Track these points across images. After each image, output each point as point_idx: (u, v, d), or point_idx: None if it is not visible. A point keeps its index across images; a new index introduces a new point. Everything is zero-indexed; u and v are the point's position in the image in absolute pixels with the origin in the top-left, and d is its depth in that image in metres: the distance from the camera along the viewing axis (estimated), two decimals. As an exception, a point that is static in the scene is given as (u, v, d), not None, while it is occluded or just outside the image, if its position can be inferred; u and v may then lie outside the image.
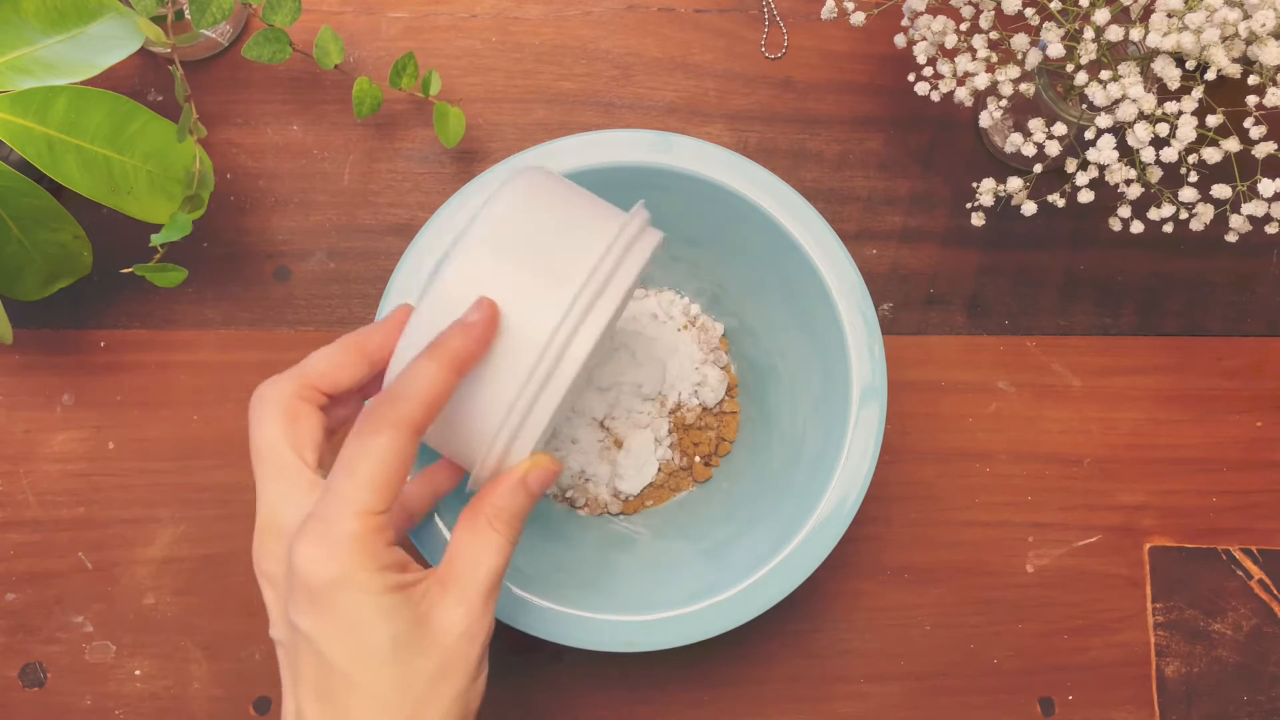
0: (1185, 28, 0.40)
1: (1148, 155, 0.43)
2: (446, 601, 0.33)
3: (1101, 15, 0.42)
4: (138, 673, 0.52)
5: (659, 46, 0.57)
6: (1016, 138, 0.46)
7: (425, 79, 0.53)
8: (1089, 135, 0.44)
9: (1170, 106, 0.42)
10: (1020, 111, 0.53)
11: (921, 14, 0.46)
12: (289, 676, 0.33)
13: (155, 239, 0.46)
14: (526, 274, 0.35)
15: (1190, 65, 0.42)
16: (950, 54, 0.46)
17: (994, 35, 0.45)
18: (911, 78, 0.48)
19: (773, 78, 0.57)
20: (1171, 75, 0.42)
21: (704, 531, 0.50)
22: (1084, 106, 0.46)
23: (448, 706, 0.33)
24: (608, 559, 0.49)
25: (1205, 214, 0.44)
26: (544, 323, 0.34)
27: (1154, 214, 0.45)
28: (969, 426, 0.55)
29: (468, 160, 0.56)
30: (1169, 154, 0.42)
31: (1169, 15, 0.41)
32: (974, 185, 0.48)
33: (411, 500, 0.42)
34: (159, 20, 0.47)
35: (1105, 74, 0.43)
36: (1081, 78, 0.43)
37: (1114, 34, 0.42)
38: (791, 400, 0.50)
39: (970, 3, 0.45)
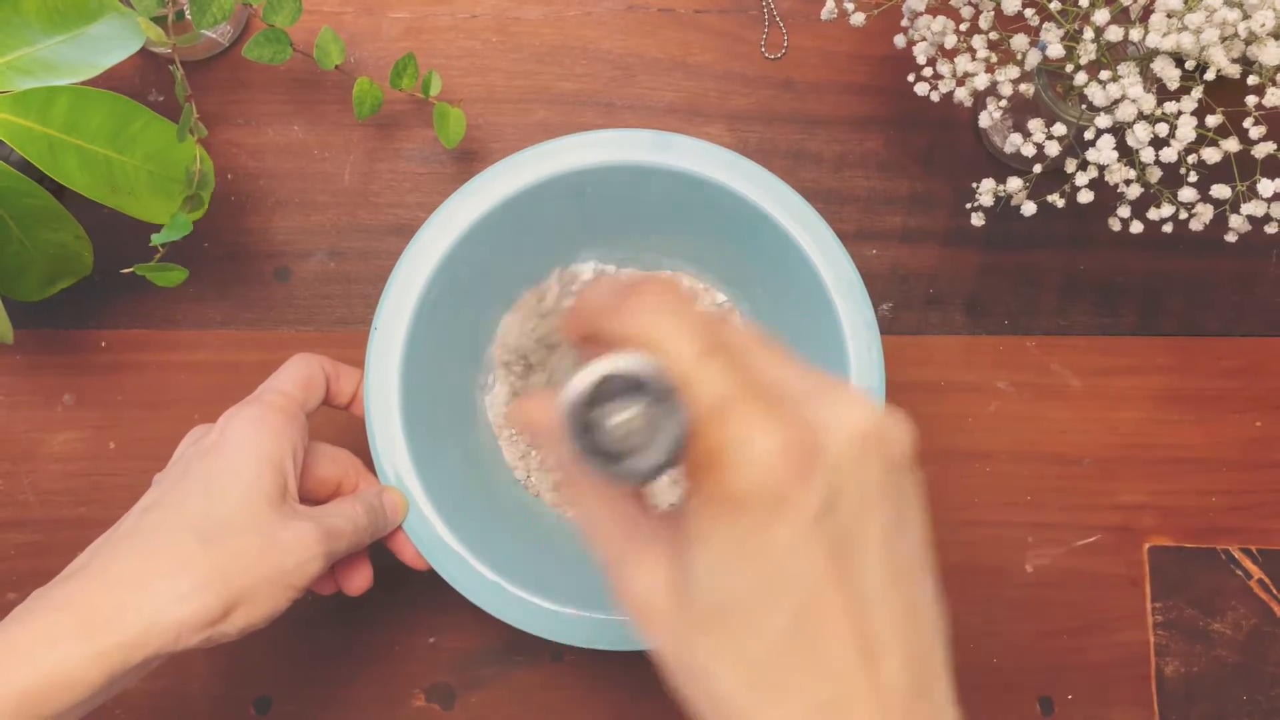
0: (1185, 28, 0.40)
1: (1147, 155, 0.43)
2: (300, 513, 0.41)
3: (1101, 15, 0.42)
4: (138, 672, 0.52)
5: (659, 47, 0.57)
6: (1016, 138, 0.46)
7: (425, 79, 0.53)
8: (1089, 135, 0.44)
9: (1170, 106, 0.42)
10: (1020, 111, 0.53)
11: (921, 14, 0.46)
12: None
13: (155, 239, 0.46)
14: None
15: (1190, 65, 0.42)
16: (950, 54, 0.46)
17: (994, 35, 0.45)
18: (911, 78, 0.48)
19: (773, 78, 0.57)
20: (1171, 75, 0.42)
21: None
22: (1084, 106, 0.46)
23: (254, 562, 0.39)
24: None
25: (1205, 214, 0.44)
26: None
27: (1154, 214, 0.45)
28: (969, 426, 0.55)
29: (468, 160, 0.56)
30: (1169, 154, 0.42)
31: (1169, 15, 0.41)
32: (974, 185, 0.48)
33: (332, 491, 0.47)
34: (160, 20, 0.47)
35: (1105, 74, 0.43)
36: (1081, 78, 0.43)
37: (1114, 34, 0.42)
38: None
39: (970, 3, 0.45)
